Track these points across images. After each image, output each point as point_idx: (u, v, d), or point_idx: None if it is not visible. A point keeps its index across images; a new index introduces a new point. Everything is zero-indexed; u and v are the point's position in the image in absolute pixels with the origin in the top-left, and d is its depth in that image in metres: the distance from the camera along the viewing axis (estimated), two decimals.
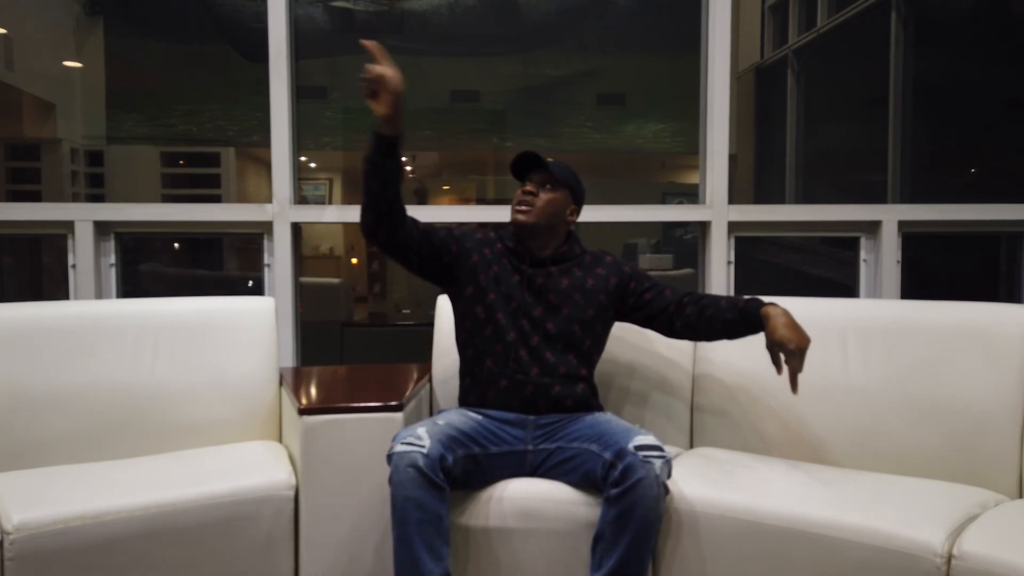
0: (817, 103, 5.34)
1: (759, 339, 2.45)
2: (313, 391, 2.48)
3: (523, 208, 2.23)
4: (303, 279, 3.33)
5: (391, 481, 1.95)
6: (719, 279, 3.15)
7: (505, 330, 2.21)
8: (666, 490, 1.99)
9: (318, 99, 3.91)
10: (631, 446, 1.95)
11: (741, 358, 2.47)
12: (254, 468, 2.24)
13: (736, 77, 3.53)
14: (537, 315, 2.22)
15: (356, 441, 2.18)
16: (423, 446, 1.94)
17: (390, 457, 1.98)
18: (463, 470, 2.05)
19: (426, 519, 1.92)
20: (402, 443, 1.96)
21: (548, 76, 4.26)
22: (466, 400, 2.30)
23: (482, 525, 2.08)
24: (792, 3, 5.58)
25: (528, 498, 2.09)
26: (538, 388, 2.19)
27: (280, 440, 2.56)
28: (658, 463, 1.93)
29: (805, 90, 5.38)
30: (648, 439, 1.99)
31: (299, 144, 3.16)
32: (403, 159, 2.08)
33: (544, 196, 2.23)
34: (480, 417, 2.19)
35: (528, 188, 2.23)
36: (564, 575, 2.08)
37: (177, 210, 3.13)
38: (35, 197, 5.63)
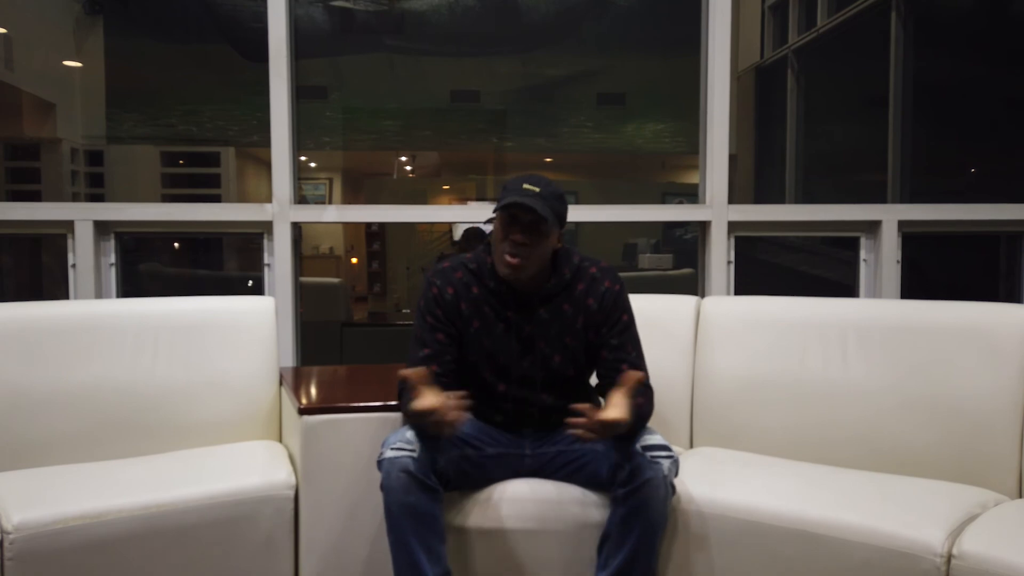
0: (817, 103, 5.34)
1: (759, 340, 2.46)
2: (313, 391, 2.48)
3: (516, 260, 2.00)
4: (303, 279, 3.32)
5: (383, 487, 1.93)
6: (719, 279, 3.15)
7: (496, 382, 2.13)
8: (673, 490, 1.98)
9: (318, 99, 3.91)
10: (638, 446, 1.93)
11: (741, 358, 2.47)
12: (254, 468, 2.24)
13: (736, 77, 3.53)
14: (527, 365, 2.10)
15: (356, 441, 2.18)
16: (413, 450, 1.91)
17: (380, 463, 1.94)
18: (457, 471, 2.03)
19: (421, 522, 1.91)
20: (392, 448, 1.93)
21: (548, 76, 4.26)
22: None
23: (483, 527, 2.08)
24: (792, 3, 5.58)
25: (529, 499, 2.09)
26: (536, 420, 2.16)
27: (280, 440, 2.56)
28: (666, 463, 1.91)
29: (805, 90, 5.38)
30: (655, 438, 1.96)
31: (299, 144, 3.16)
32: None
33: (536, 242, 2.00)
34: (474, 417, 2.15)
35: (518, 239, 1.99)
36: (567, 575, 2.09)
37: (177, 210, 3.13)
38: (35, 197, 5.63)
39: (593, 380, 2.22)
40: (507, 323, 2.10)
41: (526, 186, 1.99)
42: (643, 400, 2.01)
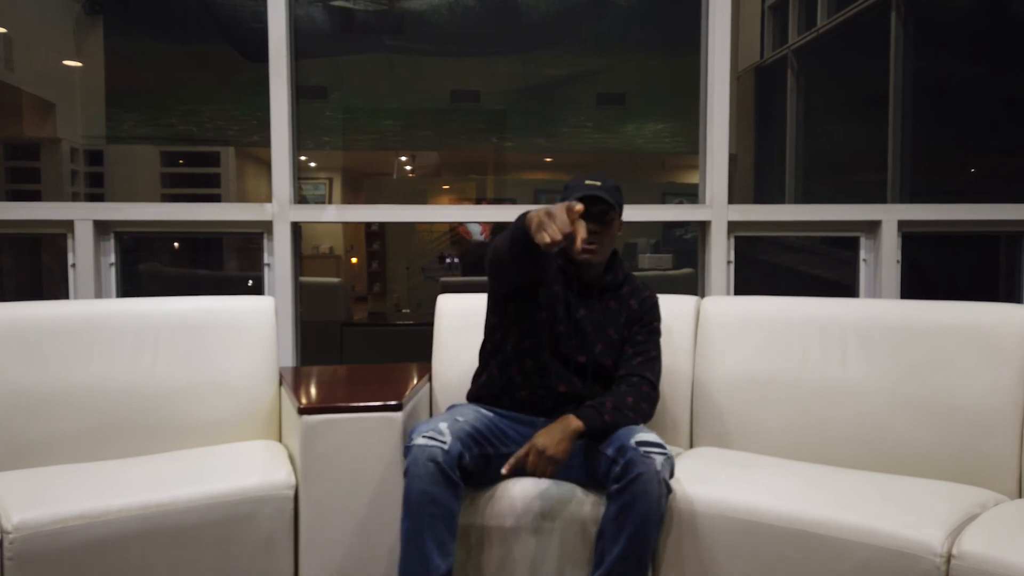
0: (817, 103, 5.35)
1: (759, 340, 2.46)
2: (313, 391, 2.48)
3: (593, 246, 2.18)
4: (303, 279, 3.32)
5: (407, 473, 1.95)
6: (719, 279, 3.15)
7: (540, 349, 2.22)
8: (668, 488, 1.99)
9: (318, 99, 3.91)
10: (632, 442, 1.95)
11: (740, 358, 2.47)
12: (254, 468, 2.24)
13: (736, 77, 3.53)
14: (572, 345, 2.22)
15: (356, 441, 2.18)
16: (444, 442, 1.96)
17: (408, 449, 1.98)
18: (476, 468, 2.06)
19: (439, 514, 1.94)
20: (423, 436, 1.97)
21: (548, 76, 4.26)
22: (478, 397, 2.31)
23: (487, 524, 2.08)
24: (792, 3, 5.59)
25: (530, 497, 2.10)
26: (557, 404, 2.20)
27: (280, 440, 2.56)
28: (659, 459, 1.93)
29: (805, 90, 5.39)
30: (649, 436, 1.99)
31: (299, 144, 3.16)
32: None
33: (606, 230, 2.20)
34: (492, 415, 2.21)
35: (591, 228, 2.14)
36: (568, 574, 2.09)
37: (177, 210, 3.13)
38: (35, 196, 5.63)
39: None
40: (567, 303, 2.25)
41: (588, 182, 2.19)
42: (630, 395, 2.14)
